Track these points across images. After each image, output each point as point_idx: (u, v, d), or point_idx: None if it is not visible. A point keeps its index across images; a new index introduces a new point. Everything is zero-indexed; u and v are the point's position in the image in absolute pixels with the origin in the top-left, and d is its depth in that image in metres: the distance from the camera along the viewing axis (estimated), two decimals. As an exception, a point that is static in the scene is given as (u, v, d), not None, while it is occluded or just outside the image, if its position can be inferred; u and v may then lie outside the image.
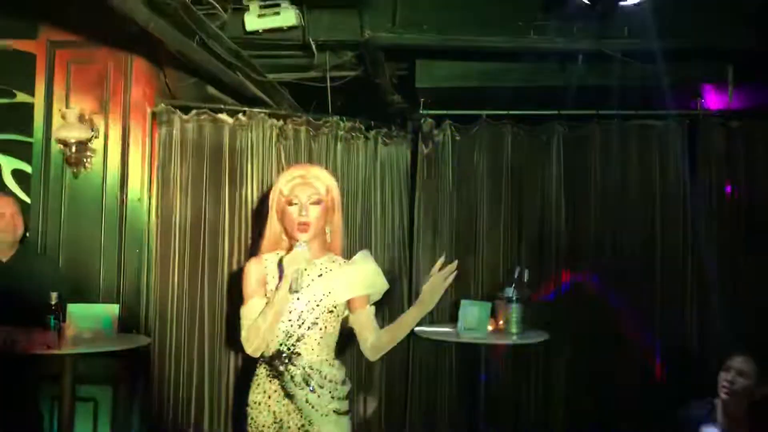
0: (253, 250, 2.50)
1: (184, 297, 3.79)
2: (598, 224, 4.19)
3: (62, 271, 3.68)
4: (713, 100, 4.47)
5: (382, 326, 2.42)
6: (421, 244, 4.32)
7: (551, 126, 4.29)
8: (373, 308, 2.43)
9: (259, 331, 2.25)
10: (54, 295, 3.07)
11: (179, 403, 3.76)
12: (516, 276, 3.82)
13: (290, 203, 2.35)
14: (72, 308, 3.26)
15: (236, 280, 2.61)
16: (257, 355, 2.33)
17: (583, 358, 4.12)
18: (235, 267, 3.81)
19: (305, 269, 2.26)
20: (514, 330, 3.74)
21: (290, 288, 2.21)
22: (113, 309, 3.36)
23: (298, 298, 2.33)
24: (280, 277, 2.25)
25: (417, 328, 3.97)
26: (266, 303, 2.27)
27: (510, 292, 3.78)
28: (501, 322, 3.78)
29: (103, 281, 3.76)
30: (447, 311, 4.22)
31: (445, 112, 4.36)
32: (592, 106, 4.24)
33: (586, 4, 3.31)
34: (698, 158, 4.15)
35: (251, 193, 3.90)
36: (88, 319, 3.25)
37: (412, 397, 4.26)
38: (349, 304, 2.40)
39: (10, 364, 3.22)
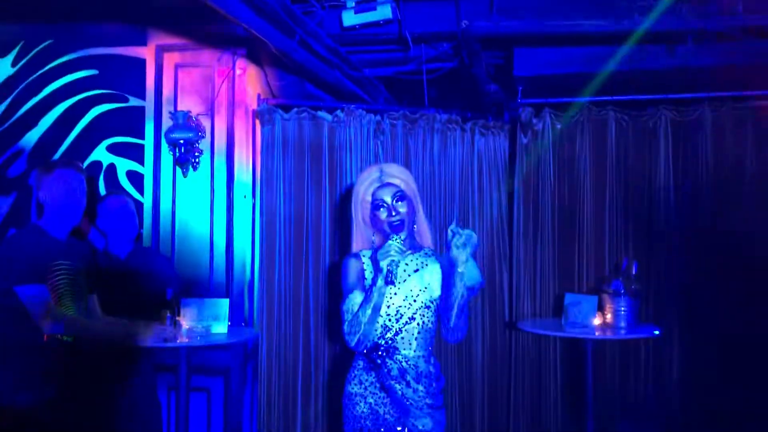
0: (348, 248, 2.54)
1: (288, 290, 3.88)
2: (711, 214, 3.97)
3: (175, 267, 3.84)
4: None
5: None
6: (522, 237, 4.22)
7: (658, 111, 4.09)
8: None
9: (360, 325, 2.29)
10: (170, 291, 3.20)
11: (287, 393, 3.87)
12: (624, 268, 3.69)
13: (377, 207, 2.38)
14: (186, 303, 3.41)
15: (336, 272, 2.65)
16: (360, 348, 2.37)
17: (696, 354, 3.92)
18: (335, 260, 3.88)
19: (401, 261, 2.28)
20: (622, 324, 3.61)
21: (386, 279, 2.22)
22: (224, 303, 3.48)
23: (395, 293, 2.36)
24: (376, 271, 2.28)
25: (520, 323, 3.92)
26: (364, 297, 2.30)
27: (617, 285, 3.65)
28: (608, 316, 3.66)
29: (213, 276, 3.90)
30: (550, 305, 4.13)
31: (544, 100, 4.24)
32: (702, 88, 4.01)
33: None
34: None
35: (351, 188, 3.93)
36: (202, 313, 3.39)
37: (516, 393, 4.19)
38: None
39: (131, 356, 3.39)
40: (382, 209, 2.38)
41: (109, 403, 3.24)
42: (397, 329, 2.36)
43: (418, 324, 2.37)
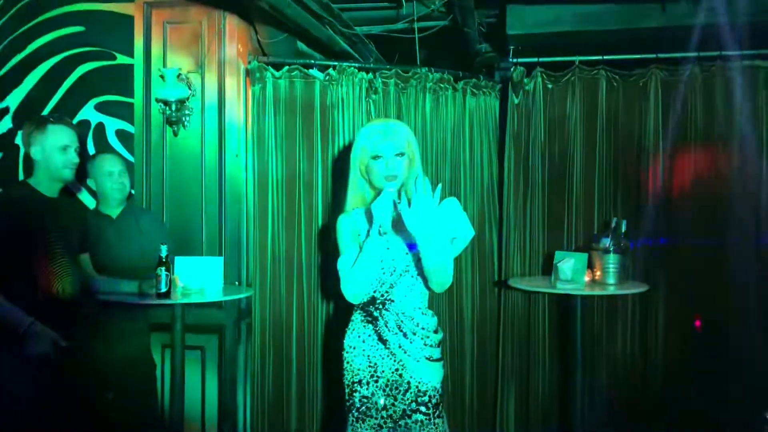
0: (341, 207, 2.56)
1: (281, 248, 3.89)
2: (699, 173, 4.01)
3: (167, 227, 3.82)
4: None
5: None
6: (512, 196, 4.24)
7: (649, 70, 4.10)
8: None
9: (356, 278, 2.34)
10: (164, 248, 3.16)
11: (281, 349, 3.91)
12: (613, 226, 3.74)
13: (375, 158, 2.40)
14: (180, 261, 3.40)
15: (329, 231, 2.67)
16: (357, 301, 2.43)
17: (682, 310, 4.00)
18: (328, 219, 3.88)
19: (393, 214, 2.32)
20: (611, 281, 3.67)
21: (379, 230, 2.26)
22: (218, 261, 3.49)
23: (388, 248, 2.41)
24: (370, 224, 2.32)
25: (510, 280, 3.97)
26: (360, 250, 2.35)
27: (606, 242, 3.71)
28: (598, 273, 3.72)
29: (206, 235, 3.89)
30: (539, 264, 4.18)
31: (536, 59, 4.22)
32: (693, 48, 4.01)
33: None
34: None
35: (343, 147, 3.93)
36: (196, 272, 3.39)
37: (504, 350, 4.26)
38: None
39: (124, 315, 3.39)
40: (379, 160, 2.40)
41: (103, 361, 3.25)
42: (392, 282, 2.42)
43: (412, 277, 2.43)
